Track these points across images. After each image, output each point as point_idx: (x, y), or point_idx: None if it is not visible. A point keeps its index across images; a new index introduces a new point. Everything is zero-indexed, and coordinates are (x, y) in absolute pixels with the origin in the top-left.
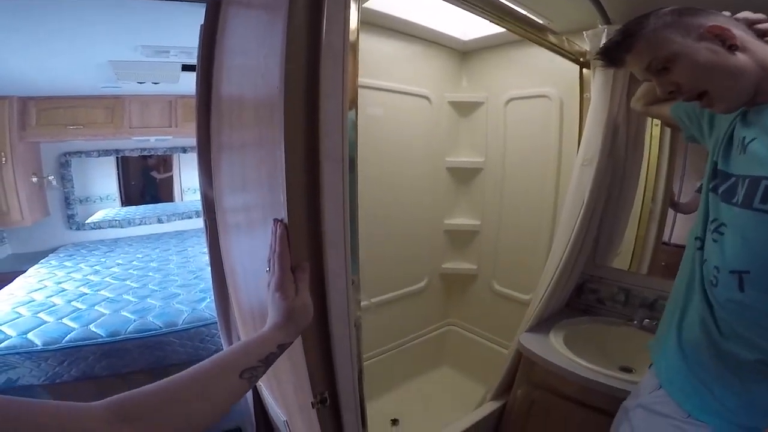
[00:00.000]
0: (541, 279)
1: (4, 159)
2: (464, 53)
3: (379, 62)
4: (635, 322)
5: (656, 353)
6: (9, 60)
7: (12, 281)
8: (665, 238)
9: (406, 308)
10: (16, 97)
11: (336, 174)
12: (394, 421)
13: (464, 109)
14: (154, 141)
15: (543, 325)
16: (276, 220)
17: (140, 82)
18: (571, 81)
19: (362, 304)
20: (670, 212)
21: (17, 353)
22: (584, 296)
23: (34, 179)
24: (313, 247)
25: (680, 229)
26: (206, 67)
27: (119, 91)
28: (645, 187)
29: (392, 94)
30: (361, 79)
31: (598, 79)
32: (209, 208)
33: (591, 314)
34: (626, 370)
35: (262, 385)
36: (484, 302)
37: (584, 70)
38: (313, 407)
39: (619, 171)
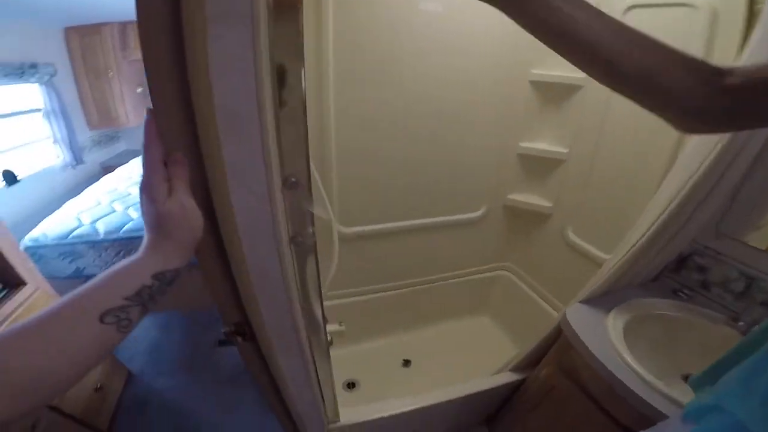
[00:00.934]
0: (627, 235)
1: (111, 74)
2: None
3: None
4: (741, 323)
5: (712, 401)
6: None
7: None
8: None
9: (455, 239)
10: (116, 23)
11: (240, 34)
12: (406, 362)
13: None
14: None
15: (607, 298)
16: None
17: None
18: None
19: (345, 231)
20: None
21: (84, 242)
22: (684, 273)
23: (139, 90)
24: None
25: None
26: None
27: None
28: None
29: None
30: None
31: None
32: None
33: (682, 299)
34: None
35: None
36: (552, 251)
37: None
38: (227, 339)
39: None
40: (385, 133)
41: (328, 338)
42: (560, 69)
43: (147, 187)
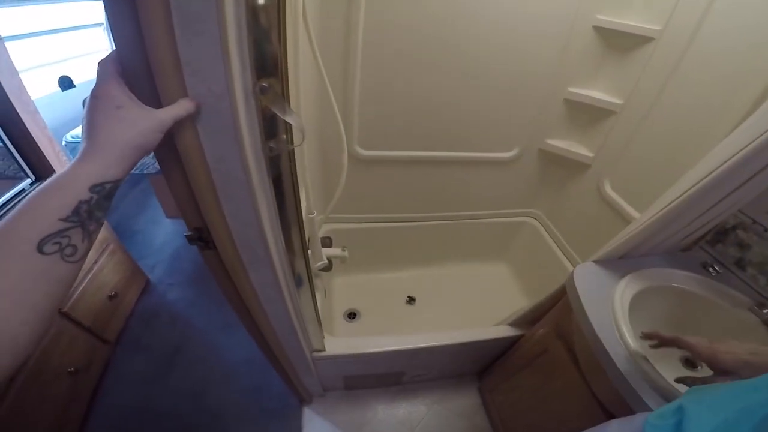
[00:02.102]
0: (665, 194)
1: None
2: None
3: None
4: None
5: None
6: None
7: None
8: None
9: (481, 178)
10: None
11: None
12: (411, 299)
13: None
14: None
15: (625, 262)
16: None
17: None
18: None
19: (362, 153)
20: None
21: None
22: (721, 246)
23: None
24: None
25: None
26: None
27: None
28: None
29: None
30: None
31: None
32: None
33: (710, 275)
34: (692, 365)
35: None
36: (584, 204)
37: None
38: (190, 243)
39: None
40: (417, 56)
41: (327, 261)
42: (633, 18)
43: (101, 91)
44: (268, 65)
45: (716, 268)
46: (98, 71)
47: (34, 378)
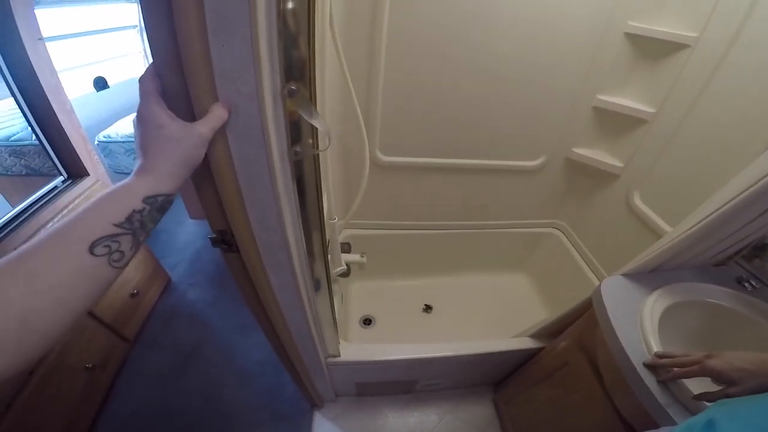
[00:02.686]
0: (699, 208)
1: None
2: None
3: None
4: None
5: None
6: None
7: None
8: None
9: (505, 186)
10: None
11: None
12: (428, 308)
13: None
14: None
15: (655, 275)
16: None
17: None
18: None
19: (383, 159)
20: None
21: None
22: (758, 262)
23: None
24: None
25: None
26: None
27: None
28: None
29: None
30: None
31: None
32: None
33: (746, 290)
34: None
35: None
36: (611, 216)
37: None
38: (213, 245)
39: None
40: (443, 61)
41: (346, 267)
42: (666, 24)
43: (146, 114)
44: (297, 68)
45: (752, 283)
46: (140, 91)
47: (52, 372)
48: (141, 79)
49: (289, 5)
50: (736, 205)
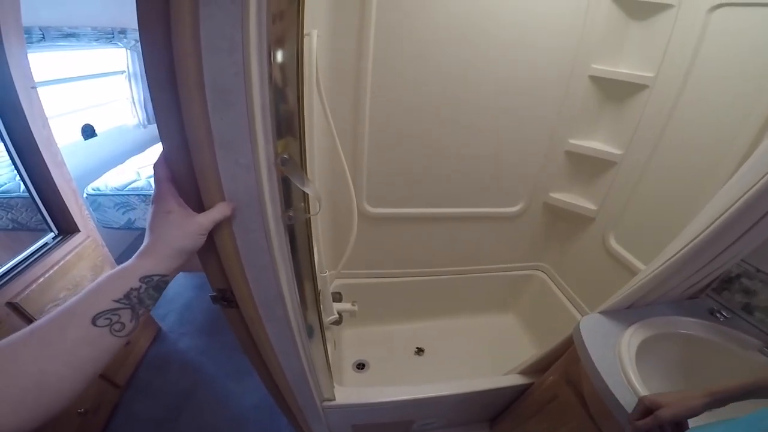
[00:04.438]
0: (669, 246)
1: None
2: None
3: None
4: None
5: None
6: None
7: None
8: None
9: (488, 232)
10: None
11: (230, 12)
12: (420, 350)
13: (640, 10)
14: None
15: (631, 311)
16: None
17: None
18: None
19: (371, 211)
20: None
21: (137, 194)
22: (727, 294)
23: None
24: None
25: None
26: None
27: None
28: None
29: None
30: None
31: None
32: None
33: (718, 320)
34: None
35: None
36: (590, 257)
37: None
38: (214, 302)
39: None
40: (423, 116)
41: (337, 316)
42: (626, 66)
43: (157, 198)
44: (288, 132)
45: (724, 313)
46: (154, 175)
47: None
48: (155, 165)
49: (279, 68)
50: (698, 244)
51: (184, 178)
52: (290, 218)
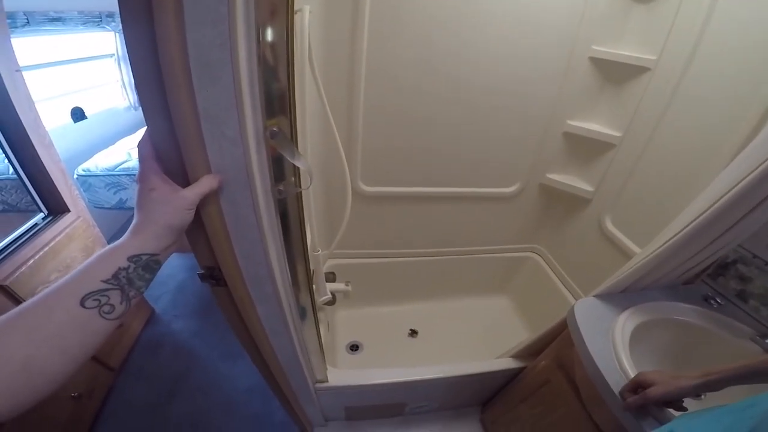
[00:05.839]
0: (665, 230)
1: None
2: None
3: None
4: None
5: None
6: None
7: None
8: None
9: (483, 213)
10: None
11: None
12: (413, 332)
13: None
14: None
15: (626, 296)
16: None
17: None
18: None
19: (366, 189)
20: None
21: (128, 174)
22: (722, 279)
23: None
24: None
25: None
26: None
27: None
28: None
29: None
30: None
31: None
32: None
33: (712, 307)
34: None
35: None
36: (585, 239)
37: None
38: (202, 280)
39: None
40: (420, 94)
41: (331, 296)
42: (628, 48)
43: (141, 177)
44: (278, 107)
45: (718, 300)
46: (138, 154)
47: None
48: (139, 144)
49: (269, 45)
50: (696, 227)
51: (169, 153)
52: (280, 192)
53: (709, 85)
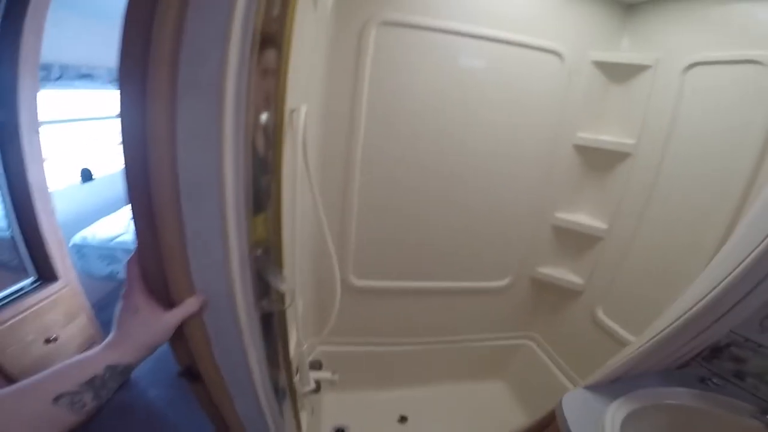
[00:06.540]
0: (658, 320)
1: None
2: (630, 5)
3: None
4: None
5: None
6: None
7: None
8: None
9: (475, 305)
10: None
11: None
12: (403, 419)
13: (619, 73)
14: None
15: (618, 385)
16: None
17: None
18: None
19: (356, 283)
20: None
21: (123, 248)
22: (717, 362)
23: None
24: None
25: None
26: None
27: None
28: None
29: (502, 46)
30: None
31: None
32: None
33: (710, 388)
34: None
35: None
36: (579, 328)
37: None
38: (179, 377)
39: None
40: (412, 190)
41: (315, 386)
42: (609, 133)
43: (126, 295)
44: (264, 230)
45: (715, 381)
46: (126, 273)
47: None
48: (127, 263)
49: (257, 166)
50: (687, 320)
51: (155, 275)
52: (263, 308)
53: (688, 166)
